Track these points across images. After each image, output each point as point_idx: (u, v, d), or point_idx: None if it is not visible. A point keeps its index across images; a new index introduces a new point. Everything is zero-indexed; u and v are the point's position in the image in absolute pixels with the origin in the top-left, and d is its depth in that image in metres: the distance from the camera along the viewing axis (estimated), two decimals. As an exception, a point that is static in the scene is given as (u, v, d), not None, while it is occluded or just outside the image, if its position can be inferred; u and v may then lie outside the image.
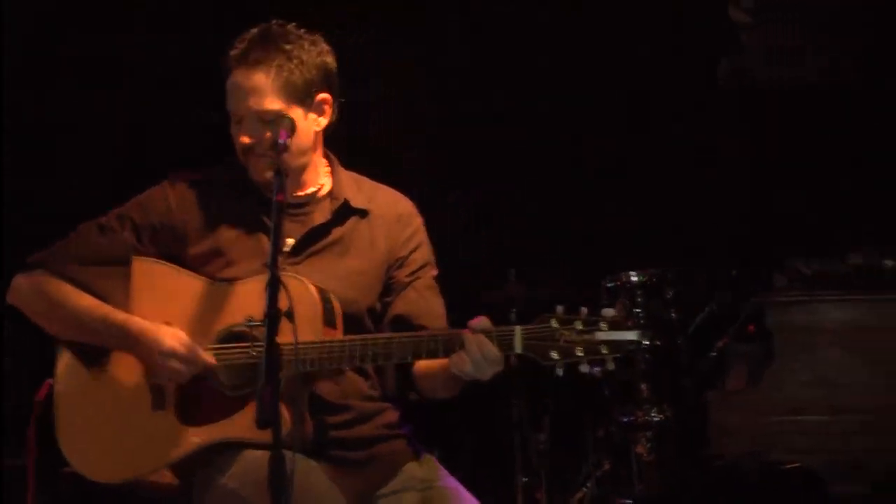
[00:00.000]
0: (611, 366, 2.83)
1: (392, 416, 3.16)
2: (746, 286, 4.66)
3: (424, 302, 3.16)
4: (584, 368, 2.83)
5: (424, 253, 3.22)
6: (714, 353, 4.64)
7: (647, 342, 4.53)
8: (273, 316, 2.60)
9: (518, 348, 2.83)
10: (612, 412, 4.63)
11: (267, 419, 2.50)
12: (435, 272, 3.24)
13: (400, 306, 3.15)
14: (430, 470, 3.11)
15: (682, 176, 5.31)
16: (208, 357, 2.96)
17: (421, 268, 3.20)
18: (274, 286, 2.63)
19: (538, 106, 5.34)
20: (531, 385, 4.70)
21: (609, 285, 4.63)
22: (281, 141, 2.90)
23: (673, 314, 4.68)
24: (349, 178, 3.23)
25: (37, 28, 5.00)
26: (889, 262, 4.33)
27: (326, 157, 3.22)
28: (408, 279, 3.17)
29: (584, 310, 2.84)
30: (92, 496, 4.19)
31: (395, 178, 3.33)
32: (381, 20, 5.24)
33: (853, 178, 5.19)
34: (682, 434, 4.54)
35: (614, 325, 2.81)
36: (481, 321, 2.87)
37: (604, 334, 2.81)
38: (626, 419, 4.57)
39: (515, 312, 4.44)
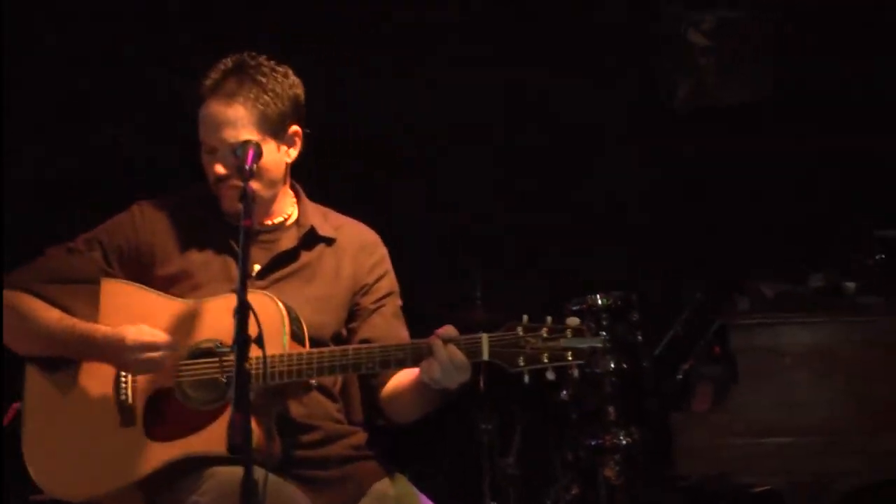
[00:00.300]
0: (575, 372, 2.88)
1: (360, 438, 3.19)
2: (711, 309, 4.70)
3: (391, 328, 3.20)
4: (550, 375, 2.88)
5: (390, 282, 3.27)
6: (679, 376, 4.68)
7: (613, 363, 4.56)
8: (242, 342, 2.62)
9: (485, 355, 2.89)
10: (579, 435, 4.66)
11: (238, 445, 2.52)
12: (399, 302, 3.29)
13: (366, 331, 3.18)
14: (403, 488, 3.13)
15: (644, 199, 5.36)
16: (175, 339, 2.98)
17: (386, 295, 3.25)
18: (243, 312, 2.64)
19: (501, 130, 5.39)
20: (500, 409, 4.72)
21: (574, 308, 4.66)
22: (247, 166, 2.93)
23: (638, 337, 4.71)
24: (315, 208, 3.28)
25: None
26: (850, 284, 4.39)
27: (293, 188, 3.27)
28: (373, 306, 3.21)
29: (548, 318, 2.90)
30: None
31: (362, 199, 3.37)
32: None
33: (812, 200, 5.26)
34: (649, 456, 4.57)
35: (578, 333, 2.88)
36: (448, 329, 2.93)
37: (568, 341, 2.87)
38: (593, 442, 4.59)
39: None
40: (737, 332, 4.26)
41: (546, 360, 2.87)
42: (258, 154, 2.98)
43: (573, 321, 2.90)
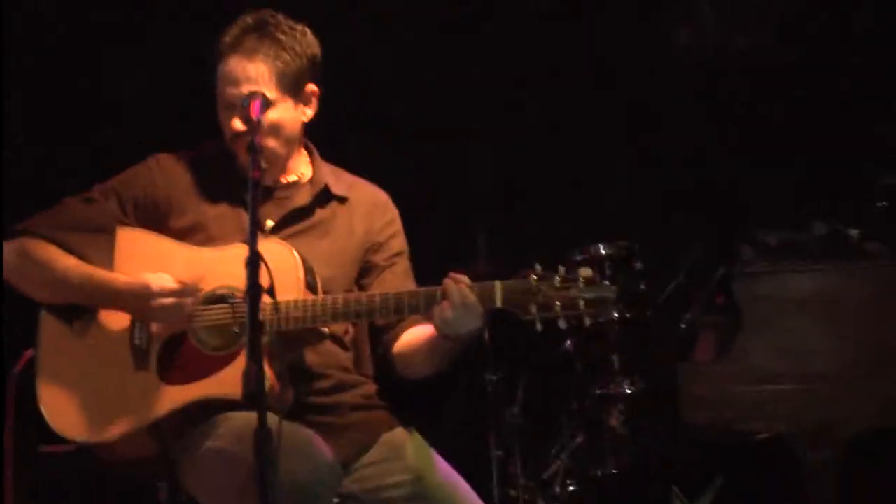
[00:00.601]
0: (587, 321, 2.90)
1: (371, 388, 3.23)
2: (713, 257, 4.71)
3: (402, 285, 3.21)
4: (562, 324, 2.90)
5: (401, 242, 3.32)
6: (683, 325, 4.69)
7: (617, 313, 4.57)
8: (255, 294, 2.63)
9: (498, 302, 2.91)
10: (584, 385, 4.68)
11: (252, 394, 2.53)
12: (409, 264, 3.32)
13: (377, 287, 3.21)
14: (418, 442, 3.14)
15: (648, 148, 5.34)
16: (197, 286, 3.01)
17: (398, 254, 3.29)
18: (254, 263, 2.65)
19: (505, 77, 5.37)
20: (504, 359, 4.74)
21: (578, 258, 4.66)
22: (255, 117, 2.94)
23: (642, 286, 4.72)
24: (329, 168, 3.31)
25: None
26: (853, 231, 4.39)
27: (307, 147, 3.30)
28: (385, 263, 3.26)
29: (561, 268, 2.92)
30: (72, 475, 4.23)
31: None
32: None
33: (814, 150, 5.25)
34: (654, 406, 4.60)
35: (591, 282, 2.90)
36: (460, 275, 2.95)
37: (581, 290, 2.89)
38: (598, 392, 4.61)
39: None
40: (740, 281, 4.27)
41: (558, 309, 2.88)
42: (265, 105, 3.01)
43: (585, 271, 2.92)
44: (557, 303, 2.88)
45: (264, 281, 2.64)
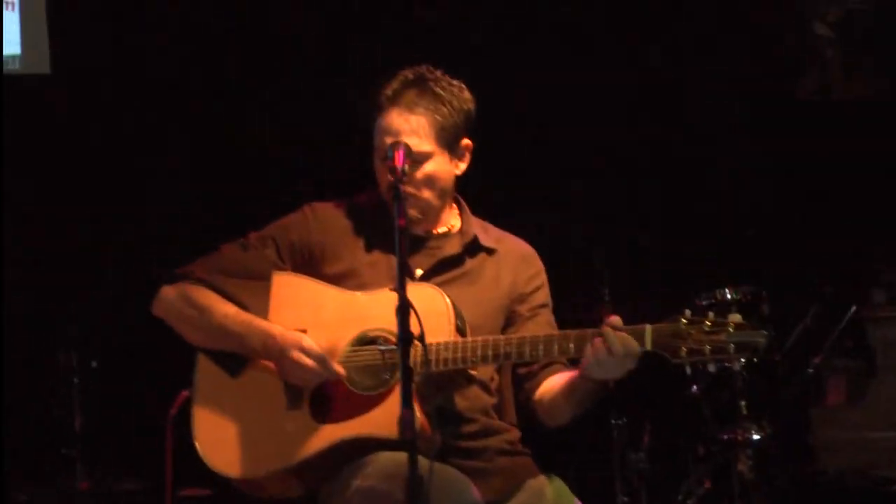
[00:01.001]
0: (737, 366, 2.92)
1: (515, 434, 3.26)
2: (841, 302, 4.65)
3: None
4: (712, 368, 2.98)
5: (545, 294, 3.34)
6: (811, 370, 4.64)
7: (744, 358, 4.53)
8: (406, 340, 2.68)
9: (648, 345, 2.93)
10: (711, 430, 4.64)
11: (407, 440, 2.58)
12: (552, 316, 3.34)
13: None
14: (560, 489, 3.18)
15: (775, 191, 5.31)
16: (339, 367, 3.06)
17: (541, 306, 3.31)
18: (404, 311, 2.69)
19: (628, 123, 5.38)
20: (630, 404, 4.72)
21: (704, 303, 4.63)
22: (399, 166, 2.99)
23: (769, 331, 4.66)
24: (476, 221, 3.37)
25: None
26: None
27: (456, 200, 3.36)
28: (529, 313, 3.27)
29: (710, 313, 2.95)
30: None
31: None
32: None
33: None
34: (783, 451, 4.54)
35: (740, 328, 2.92)
36: (615, 319, 2.97)
37: (731, 335, 2.92)
38: (725, 437, 4.57)
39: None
40: (874, 325, 4.22)
41: (708, 352, 2.90)
42: (409, 155, 3.06)
43: (735, 317, 2.94)
44: (707, 346, 2.90)
45: (414, 327, 2.69)
